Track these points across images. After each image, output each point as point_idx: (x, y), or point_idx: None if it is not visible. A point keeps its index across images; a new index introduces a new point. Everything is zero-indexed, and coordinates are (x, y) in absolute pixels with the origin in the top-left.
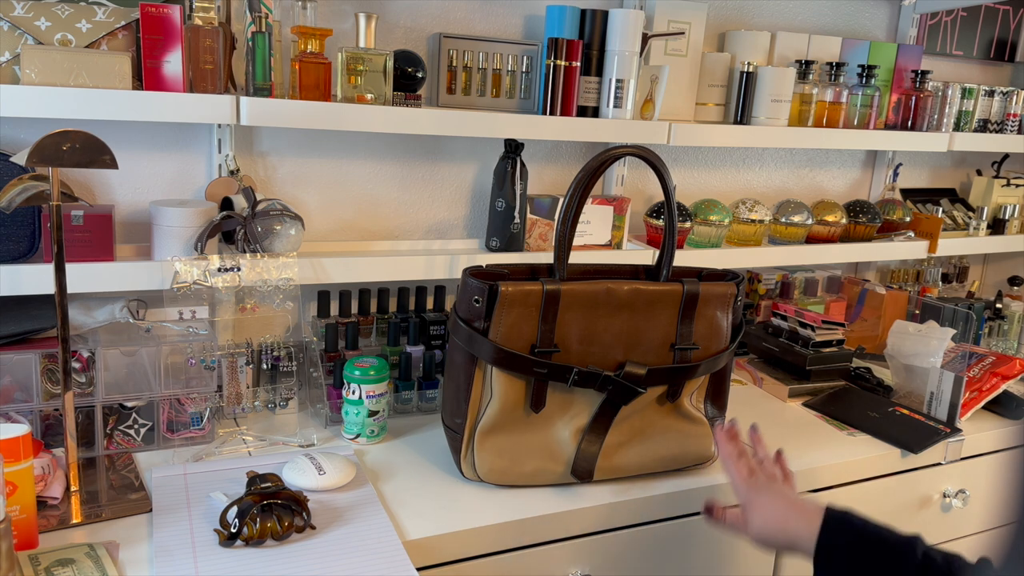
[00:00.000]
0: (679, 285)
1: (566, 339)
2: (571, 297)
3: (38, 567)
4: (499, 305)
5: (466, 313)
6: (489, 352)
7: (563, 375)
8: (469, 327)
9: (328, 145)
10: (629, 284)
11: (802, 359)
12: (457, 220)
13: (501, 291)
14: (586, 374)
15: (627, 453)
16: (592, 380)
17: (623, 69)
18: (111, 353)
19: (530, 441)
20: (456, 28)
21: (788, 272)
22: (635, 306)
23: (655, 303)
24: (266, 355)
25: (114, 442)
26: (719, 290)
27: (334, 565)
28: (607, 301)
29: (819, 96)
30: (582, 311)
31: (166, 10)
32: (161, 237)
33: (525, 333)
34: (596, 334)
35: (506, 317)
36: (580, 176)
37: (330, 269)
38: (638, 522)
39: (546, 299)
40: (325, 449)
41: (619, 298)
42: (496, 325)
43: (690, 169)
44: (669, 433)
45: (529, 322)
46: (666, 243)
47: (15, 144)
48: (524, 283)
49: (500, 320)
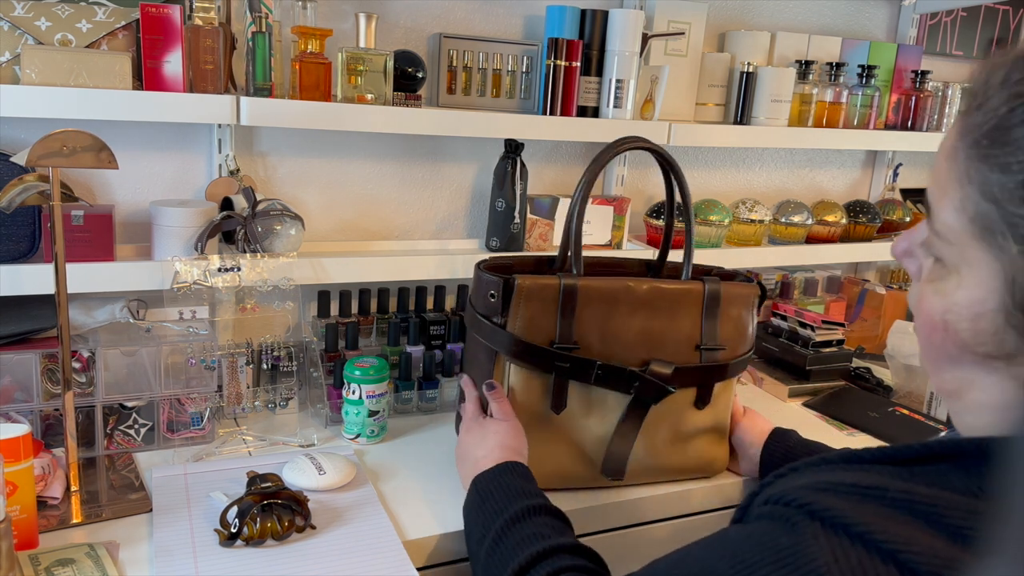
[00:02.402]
0: (700, 284)
1: (586, 336)
2: (589, 293)
3: (38, 567)
4: (515, 298)
5: (483, 309)
6: (507, 344)
7: (586, 370)
8: (488, 321)
9: (328, 145)
10: (648, 282)
11: (802, 359)
12: (457, 220)
13: (518, 284)
14: (610, 369)
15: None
16: (617, 376)
17: (623, 69)
18: (111, 353)
19: (550, 444)
20: (456, 28)
21: (788, 272)
22: (655, 304)
23: (676, 302)
24: (266, 355)
25: (114, 442)
26: (743, 291)
27: (334, 565)
28: (626, 299)
29: (819, 96)
30: (600, 308)
31: (166, 10)
32: (161, 237)
33: (544, 328)
34: (616, 332)
35: (524, 311)
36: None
37: (330, 269)
38: (638, 522)
39: (564, 294)
40: (325, 449)
41: (638, 296)
42: (513, 319)
43: (690, 169)
44: (698, 440)
45: (548, 317)
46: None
47: (15, 144)
48: (540, 276)
49: (517, 314)
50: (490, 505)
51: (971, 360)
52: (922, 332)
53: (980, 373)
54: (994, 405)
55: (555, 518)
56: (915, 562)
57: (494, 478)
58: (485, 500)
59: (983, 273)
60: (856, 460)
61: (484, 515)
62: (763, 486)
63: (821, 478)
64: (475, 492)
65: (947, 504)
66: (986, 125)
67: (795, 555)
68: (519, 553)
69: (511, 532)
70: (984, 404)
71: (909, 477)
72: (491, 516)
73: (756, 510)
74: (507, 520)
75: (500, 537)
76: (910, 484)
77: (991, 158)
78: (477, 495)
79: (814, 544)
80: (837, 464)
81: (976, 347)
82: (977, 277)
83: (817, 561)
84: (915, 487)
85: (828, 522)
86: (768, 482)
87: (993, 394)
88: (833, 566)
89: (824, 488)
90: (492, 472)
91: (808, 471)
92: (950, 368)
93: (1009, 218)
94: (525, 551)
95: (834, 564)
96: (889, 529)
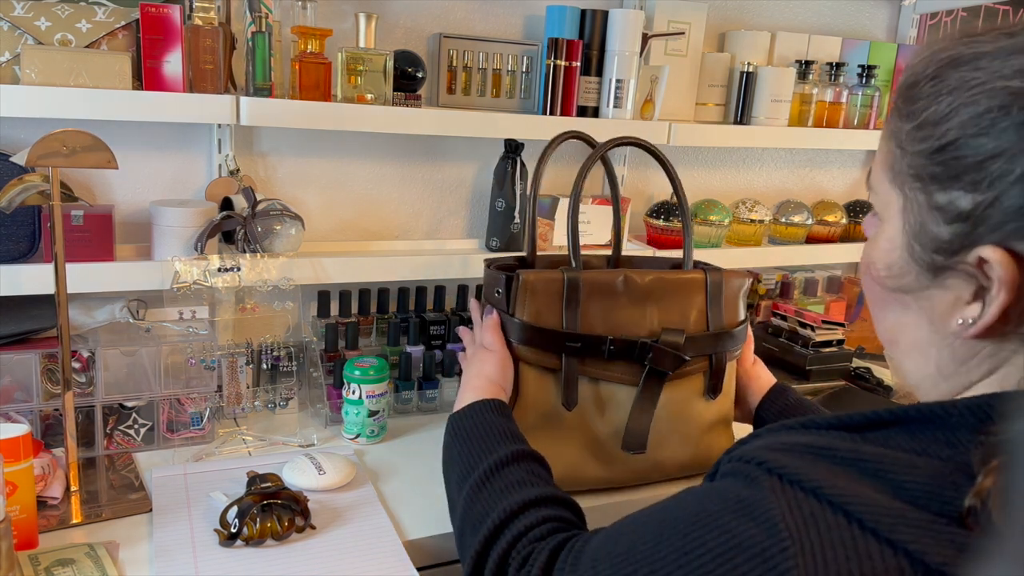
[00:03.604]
0: (701, 273)
1: (593, 329)
2: (592, 286)
3: (38, 567)
4: (520, 293)
5: (492, 304)
6: (517, 330)
7: (598, 347)
8: None
9: (328, 145)
10: (651, 273)
11: (802, 359)
12: (457, 220)
13: (522, 279)
14: (623, 343)
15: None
16: (630, 349)
17: (623, 69)
18: (111, 353)
19: (561, 445)
20: (456, 28)
21: (788, 272)
22: (659, 296)
23: (679, 291)
24: (266, 355)
25: (114, 442)
26: (738, 279)
27: (334, 565)
28: (628, 290)
29: (819, 96)
30: (605, 300)
31: (166, 10)
32: (161, 237)
33: (550, 323)
34: (622, 324)
35: (529, 305)
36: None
37: (330, 269)
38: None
39: (568, 287)
40: (325, 449)
41: (642, 287)
42: (520, 315)
43: (690, 169)
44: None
45: (553, 310)
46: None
47: (15, 144)
48: (544, 271)
49: (524, 310)
50: (473, 446)
51: (892, 300)
52: (863, 284)
53: (901, 313)
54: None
55: (537, 464)
56: (861, 513)
57: (474, 415)
58: (465, 441)
59: (894, 214)
60: (813, 426)
61: (465, 456)
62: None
63: (780, 439)
64: (452, 430)
65: (891, 462)
66: (904, 84)
67: (753, 505)
68: (504, 500)
69: (496, 477)
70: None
71: (860, 441)
72: (474, 458)
73: (722, 468)
74: (491, 465)
75: (484, 481)
76: (858, 445)
77: (902, 111)
78: (455, 434)
79: (771, 496)
80: (795, 429)
81: (890, 283)
82: (891, 219)
83: (773, 511)
84: (862, 447)
85: (785, 478)
86: (738, 444)
87: (915, 337)
88: (788, 515)
89: (782, 448)
90: (471, 409)
91: (769, 434)
92: (882, 313)
93: (907, 158)
94: (511, 498)
95: (788, 514)
96: (838, 484)
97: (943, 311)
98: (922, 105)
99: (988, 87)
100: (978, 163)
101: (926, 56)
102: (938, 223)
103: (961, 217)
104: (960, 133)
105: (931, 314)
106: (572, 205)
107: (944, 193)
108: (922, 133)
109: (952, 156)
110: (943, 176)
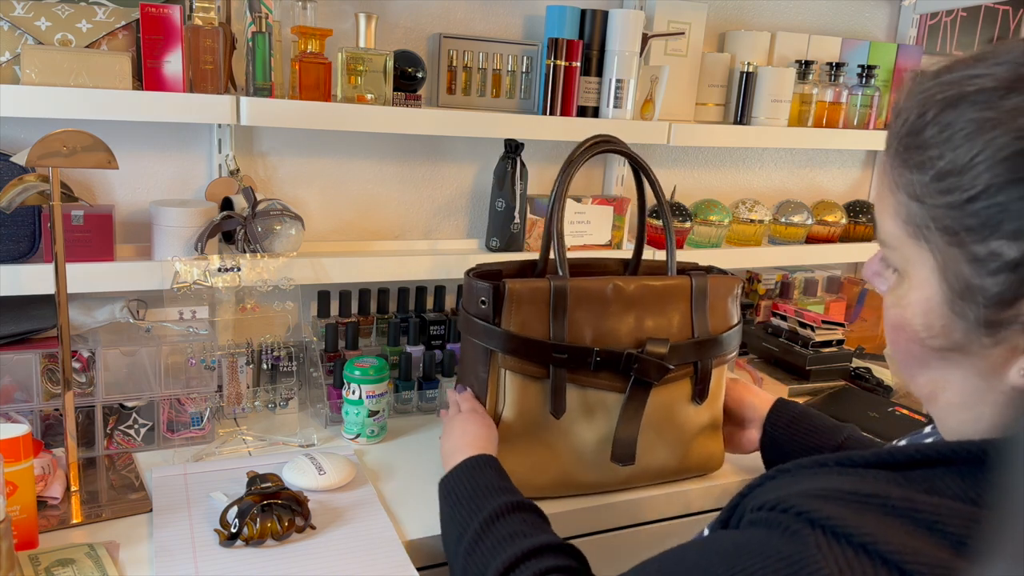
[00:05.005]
0: (687, 279)
1: (580, 338)
2: (579, 294)
3: (38, 567)
4: (507, 303)
5: (476, 314)
6: (502, 340)
7: (584, 358)
8: (483, 322)
9: (328, 145)
10: (636, 280)
11: (802, 359)
12: (457, 220)
13: (509, 288)
14: (608, 354)
15: (654, 454)
16: (616, 360)
17: (623, 69)
18: (111, 353)
19: (550, 452)
20: (456, 28)
21: (788, 272)
22: (646, 302)
23: (665, 297)
24: (266, 355)
25: (114, 442)
26: (726, 283)
27: (334, 565)
28: (616, 298)
29: (819, 96)
30: (592, 308)
31: (166, 10)
32: (161, 237)
33: (537, 332)
34: (609, 332)
35: (516, 316)
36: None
37: (330, 269)
38: (636, 522)
39: (555, 295)
40: (325, 449)
41: (628, 295)
42: (506, 325)
43: (690, 169)
44: (697, 438)
45: (540, 320)
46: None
47: (15, 144)
48: (530, 280)
49: (510, 320)
50: (465, 505)
51: (934, 358)
52: (890, 341)
53: (944, 370)
54: (965, 403)
55: (533, 514)
56: (921, 573)
57: (464, 474)
58: (457, 502)
59: (924, 270)
60: (850, 463)
61: (459, 515)
62: (751, 488)
63: (818, 484)
64: (444, 493)
65: (949, 513)
66: (901, 132)
67: (799, 563)
68: (500, 553)
69: (490, 531)
70: (956, 404)
71: (907, 483)
72: (467, 516)
73: (749, 516)
74: (485, 519)
75: (479, 537)
76: (909, 491)
77: (908, 161)
78: (447, 496)
79: (818, 554)
80: (832, 468)
81: (932, 342)
82: (921, 275)
83: (823, 572)
84: (915, 495)
85: (830, 531)
86: (757, 484)
87: (961, 392)
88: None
89: (822, 495)
90: (461, 469)
91: (802, 475)
92: (919, 371)
93: (931, 212)
94: (507, 551)
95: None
96: (893, 539)
97: (996, 364)
98: (934, 153)
99: (1007, 126)
100: (1019, 211)
101: (918, 98)
102: (981, 276)
103: (1009, 267)
104: (991, 180)
105: (981, 367)
106: (551, 208)
107: (983, 245)
108: (944, 184)
109: (985, 205)
110: (979, 227)
